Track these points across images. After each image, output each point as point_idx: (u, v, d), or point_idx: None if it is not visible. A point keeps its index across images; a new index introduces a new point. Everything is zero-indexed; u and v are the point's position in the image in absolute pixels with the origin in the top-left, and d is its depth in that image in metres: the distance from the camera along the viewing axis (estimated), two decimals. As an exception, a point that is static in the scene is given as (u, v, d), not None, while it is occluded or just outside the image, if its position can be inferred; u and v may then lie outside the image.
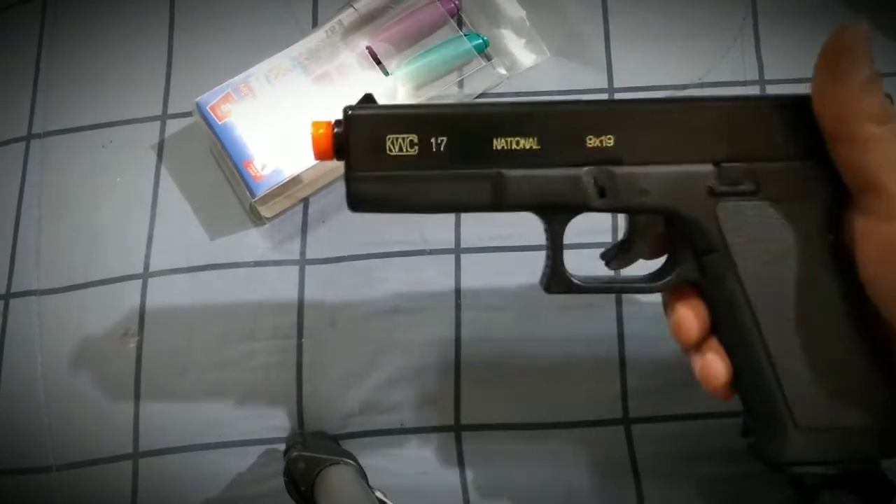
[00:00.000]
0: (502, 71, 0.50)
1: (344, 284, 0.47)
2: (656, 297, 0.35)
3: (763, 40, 0.50)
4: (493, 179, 0.30)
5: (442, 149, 0.30)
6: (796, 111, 0.30)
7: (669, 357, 0.45)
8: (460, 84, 0.50)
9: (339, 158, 0.31)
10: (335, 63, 0.49)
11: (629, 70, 0.50)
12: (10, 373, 0.48)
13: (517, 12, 0.51)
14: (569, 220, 0.31)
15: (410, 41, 0.50)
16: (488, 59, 0.50)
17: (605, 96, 0.50)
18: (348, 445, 0.45)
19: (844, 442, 0.30)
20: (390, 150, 0.30)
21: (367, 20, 0.50)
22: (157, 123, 0.51)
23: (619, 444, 0.44)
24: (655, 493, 0.44)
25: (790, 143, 0.30)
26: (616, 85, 0.50)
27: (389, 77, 0.49)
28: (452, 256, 0.47)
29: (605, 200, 0.30)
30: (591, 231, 0.45)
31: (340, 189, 0.51)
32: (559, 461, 0.44)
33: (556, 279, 0.32)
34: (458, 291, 0.47)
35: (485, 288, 0.47)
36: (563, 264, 0.32)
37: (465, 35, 0.50)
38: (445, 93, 0.50)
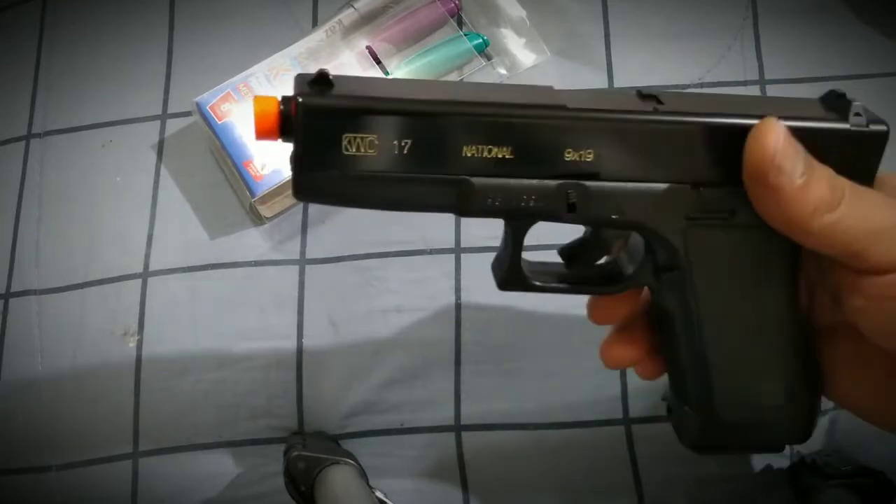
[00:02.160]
0: (502, 71, 0.50)
1: (344, 284, 0.47)
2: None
3: (763, 40, 0.50)
4: (459, 186, 0.28)
5: (405, 151, 0.27)
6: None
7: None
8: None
9: (284, 140, 0.27)
10: (335, 63, 0.49)
11: (629, 70, 0.50)
12: (10, 372, 0.47)
13: (517, 12, 0.51)
14: (533, 224, 0.30)
15: (410, 41, 0.50)
16: (488, 58, 0.50)
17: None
18: (348, 445, 0.45)
19: (755, 435, 0.32)
20: (347, 149, 0.26)
21: (367, 20, 0.50)
22: (157, 123, 0.51)
23: (620, 445, 0.44)
24: (655, 494, 0.44)
25: None
26: (616, 85, 0.50)
27: (389, 76, 0.49)
28: (452, 256, 0.47)
29: (576, 215, 0.29)
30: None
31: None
32: (560, 461, 0.44)
33: (512, 277, 0.31)
34: (458, 291, 0.47)
35: (485, 288, 0.47)
36: (520, 262, 0.31)
37: (466, 35, 0.50)
38: (445, 92, 0.50)
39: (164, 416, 0.46)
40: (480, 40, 0.50)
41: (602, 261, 0.35)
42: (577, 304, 0.46)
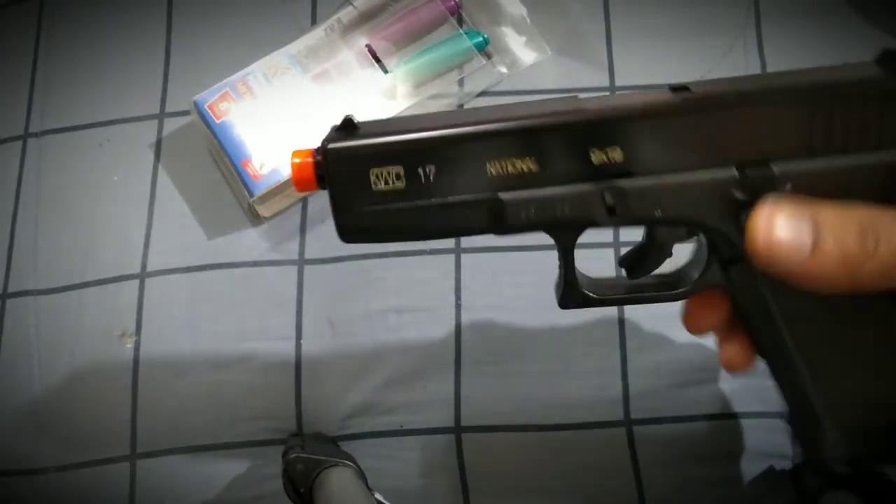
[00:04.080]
0: (503, 69, 0.50)
1: (343, 284, 0.47)
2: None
3: (765, 39, 0.50)
4: (489, 205, 0.28)
5: (431, 178, 0.28)
6: (836, 97, 0.26)
7: (671, 359, 0.44)
8: (460, 82, 0.50)
9: (322, 188, 0.28)
10: (334, 61, 0.48)
11: (631, 69, 0.50)
12: (7, 373, 0.47)
13: (518, 10, 0.51)
14: (578, 235, 0.29)
15: (410, 39, 0.50)
16: (489, 57, 0.50)
17: (606, 95, 0.50)
18: (347, 447, 0.45)
19: (876, 441, 0.29)
20: (376, 184, 0.28)
21: (366, 18, 0.50)
22: (155, 122, 0.51)
23: (621, 446, 0.44)
24: (656, 495, 0.43)
25: (828, 135, 0.26)
26: (618, 83, 0.50)
27: (389, 75, 0.49)
28: (452, 256, 0.47)
29: (617, 217, 0.27)
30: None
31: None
32: (560, 463, 0.44)
33: (570, 295, 0.30)
34: (458, 291, 0.47)
35: (485, 288, 0.47)
36: (575, 279, 0.30)
37: (466, 33, 0.50)
38: (446, 91, 0.49)
39: (161, 417, 0.46)
40: (481, 38, 0.50)
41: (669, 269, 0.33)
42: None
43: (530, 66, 0.50)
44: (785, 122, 0.26)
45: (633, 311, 0.45)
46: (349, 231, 0.29)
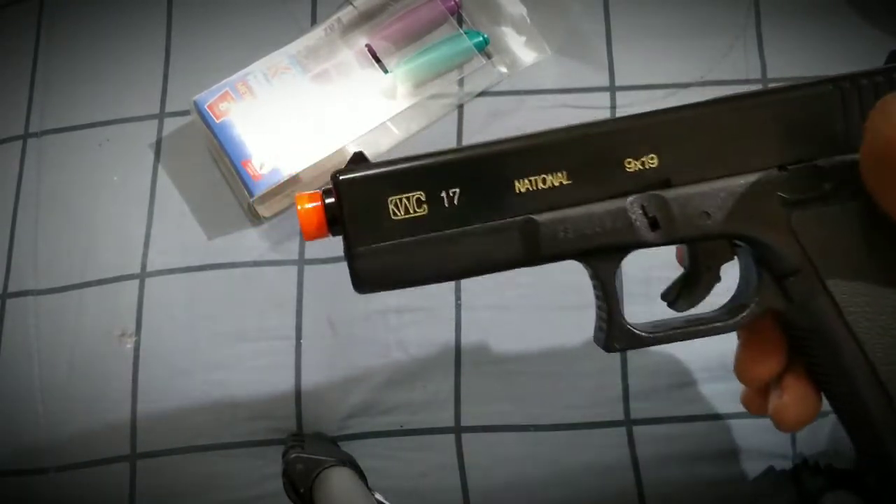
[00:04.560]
0: (503, 69, 0.50)
1: (343, 284, 0.46)
2: (655, 294, 0.32)
3: (766, 38, 0.50)
4: (521, 228, 0.25)
5: (456, 202, 0.25)
6: (877, 89, 0.25)
7: (671, 359, 0.44)
8: (460, 82, 0.50)
9: (334, 234, 0.26)
10: (334, 61, 0.48)
11: (631, 68, 0.50)
12: (7, 373, 0.47)
13: (518, 10, 0.51)
14: (619, 262, 0.26)
15: (410, 39, 0.50)
16: (489, 57, 0.50)
17: (606, 94, 0.50)
18: (347, 447, 0.45)
19: None
20: (395, 213, 0.25)
21: (366, 18, 0.50)
22: (155, 122, 0.51)
23: (621, 446, 0.44)
24: (657, 495, 0.43)
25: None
26: (617, 83, 0.50)
27: (389, 75, 0.49)
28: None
29: (660, 232, 0.25)
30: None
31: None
32: (561, 463, 0.44)
33: (618, 334, 0.27)
34: (457, 292, 0.47)
35: (485, 288, 0.46)
36: (622, 315, 0.27)
37: (466, 33, 0.50)
38: (446, 91, 0.49)
39: (161, 417, 0.46)
40: (480, 38, 0.50)
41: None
42: (577, 304, 0.46)
43: (530, 65, 0.50)
44: (823, 118, 0.25)
45: (633, 311, 0.45)
46: (366, 276, 0.26)
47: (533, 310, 0.46)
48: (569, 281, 0.46)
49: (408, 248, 0.25)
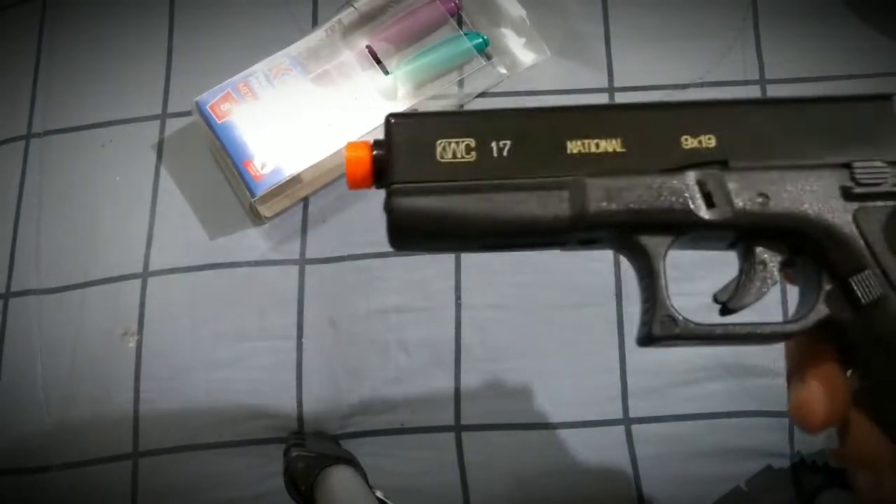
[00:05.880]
0: (502, 70, 0.50)
1: (344, 284, 0.47)
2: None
3: (763, 40, 0.50)
4: (570, 187, 0.24)
5: (505, 153, 0.24)
6: None
7: (670, 358, 0.45)
8: (460, 83, 0.50)
9: (378, 186, 0.25)
10: (335, 62, 0.49)
11: (629, 70, 0.50)
12: (10, 372, 0.47)
13: (517, 11, 0.51)
14: (667, 246, 0.24)
15: (410, 40, 0.50)
16: (488, 58, 0.50)
17: (605, 96, 0.50)
18: (348, 445, 0.45)
19: None
20: (442, 156, 0.24)
21: (366, 19, 0.50)
22: (157, 123, 0.51)
23: (620, 445, 0.44)
24: (655, 493, 0.43)
25: None
26: (616, 84, 0.50)
27: (389, 76, 0.49)
28: (452, 256, 0.47)
29: (717, 210, 0.24)
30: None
31: (340, 188, 0.51)
32: (560, 461, 0.44)
33: (665, 323, 0.24)
34: (457, 291, 0.47)
35: (485, 287, 0.47)
36: (668, 300, 0.24)
37: (466, 34, 0.50)
38: (445, 91, 0.50)
39: (163, 415, 0.46)
40: (480, 40, 0.50)
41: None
42: (576, 304, 0.46)
43: (530, 67, 0.50)
44: (885, 124, 0.24)
45: (633, 311, 0.46)
46: (402, 217, 0.24)
47: (532, 309, 0.46)
48: (568, 281, 0.47)
49: (450, 192, 0.24)
